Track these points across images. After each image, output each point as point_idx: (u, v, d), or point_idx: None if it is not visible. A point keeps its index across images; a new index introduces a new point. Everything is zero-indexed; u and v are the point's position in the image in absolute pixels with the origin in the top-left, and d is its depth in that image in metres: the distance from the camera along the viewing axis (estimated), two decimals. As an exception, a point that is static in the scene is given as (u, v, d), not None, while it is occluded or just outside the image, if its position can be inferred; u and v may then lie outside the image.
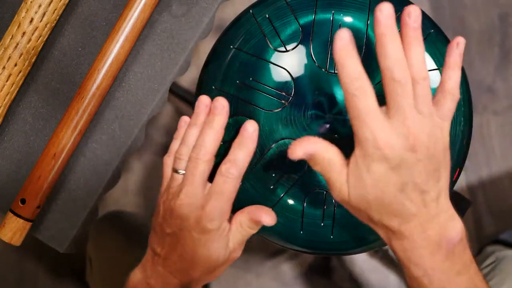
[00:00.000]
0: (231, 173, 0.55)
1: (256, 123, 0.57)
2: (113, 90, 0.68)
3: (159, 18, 0.68)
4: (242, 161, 0.56)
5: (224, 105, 0.58)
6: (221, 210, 0.56)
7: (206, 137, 0.57)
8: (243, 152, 0.56)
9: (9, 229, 0.65)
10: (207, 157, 0.57)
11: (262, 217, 0.57)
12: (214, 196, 0.56)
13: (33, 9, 0.64)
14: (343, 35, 0.48)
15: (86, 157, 0.68)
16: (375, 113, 0.48)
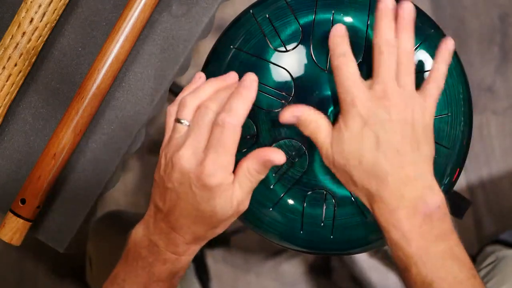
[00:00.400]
0: (228, 122, 0.51)
1: (255, 76, 0.54)
2: (113, 90, 0.68)
3: (159, 18, 0.68)
4: (239, 109, 0.52)
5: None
6: (221, 164, 0.52)
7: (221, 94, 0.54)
8: (239, 100, 0.52)
9: (9, 229, 0.65)
10: (218, 109, 0.53)
11: (271, 156, 0.53)
12: (212, 149, 0.52)
13: (33, 9, 0.64)
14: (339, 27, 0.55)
15: (86, 157, 0.68)
16: (355, 78, 0.54)
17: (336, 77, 0.55)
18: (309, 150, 0.62)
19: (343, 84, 0.54)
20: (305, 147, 0.62)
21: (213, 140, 0.52)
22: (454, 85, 0.62)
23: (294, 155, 0.62)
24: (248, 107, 0.53)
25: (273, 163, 0.53)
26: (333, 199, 0.62)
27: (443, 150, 0.61)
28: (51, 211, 0.69)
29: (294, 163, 0.62)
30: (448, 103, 0.62)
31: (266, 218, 0.63)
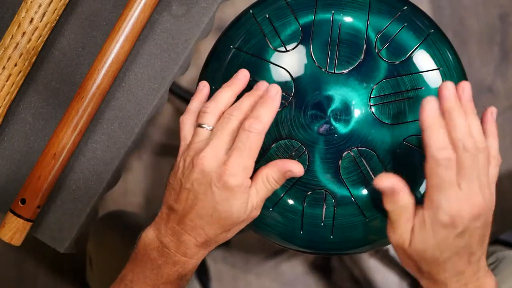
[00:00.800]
0: (255, 128, 0.55)
1: (279, 87, 0.57)
2: (113, 90, 0.68)
3: (159, 18, 0.68)
4: (265, 117, 0.56)
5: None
6: (244, 166, 0.55)
7: (243, 102, 0.57)
8: (266, 110, 0.56)
9: (9, 229, 0.65)
10: (241, 117, 0.56)
11: (292, 167, 0.57)
12: (237, 151, 0.55)
13: (33, 9, 0.64)
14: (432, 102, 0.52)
15: (86, 157, 0.68)
16: (454, 184, 0.52)
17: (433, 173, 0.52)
18: (309, 150, 0.62)
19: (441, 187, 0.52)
20: (305, 147, 0.62)
21: (239, 143, 0.55)
22: (454, 85, 0.62)
23: (294, 155, 0.62)
24: (273, 116, 0.56)
25: (293, 174, 0.57)
26: (333, 199, 0.62)
27: (443, 150, 0.61)
28: (51, 211, 0.69)
29: (294, 163, 0.62)
30: (448, 103, 0.62)
31: (266, 218, 0.63)
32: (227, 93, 0.58)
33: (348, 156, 0.62)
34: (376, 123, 0.61)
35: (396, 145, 0.61)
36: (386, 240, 0.63)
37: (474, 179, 0.53)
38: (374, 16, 0.62)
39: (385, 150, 0.61)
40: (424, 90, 0.61)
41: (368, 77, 0.62)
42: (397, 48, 0.62)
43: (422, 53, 0.62)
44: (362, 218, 0.62)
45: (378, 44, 0.62)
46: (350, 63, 0.62)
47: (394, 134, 0.61)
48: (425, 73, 0.62)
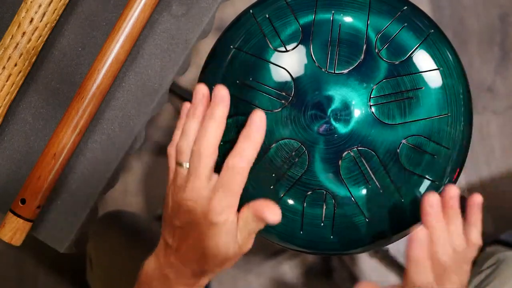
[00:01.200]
0: (238, 167, 0.53)
1: (263, 113, 0.54)
2: (113, 90, 0.68)
3: (159, 18, 0.68)
4: (249, 154, 0.54)
5: (224, 95, 0.55)
6: (228, 204, 0.54)
7: (208, 129, 0.55)
8: (250, 144, 0.54)
9: (9, 229, 0.65)
10: (210, 150, 0.55)
11: (265, 214, 0.55)
12: (221, 190, 0.54)
13: (33, 9, 0.64)
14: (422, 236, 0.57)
15: (86, 157, 0.68)
16: None
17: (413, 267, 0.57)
18: (309, 150, 0.62)
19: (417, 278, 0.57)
20: (305, 147, 0.62)
21: (223, 181, 0.54)
22: (454, 85, 0.62)
23: (294, 155, 0.62)
24: (257, 150, 0.54)
25: (266, 221, 0.55)
26: (333, 199, 0.62)
27: (443, 150, 0.61)
28: (51, 211, 0.69)
29: (294, 163, 0.62)
30: (448, 103, 0.62)
31: (266, 218, 0.63)
32: (194, 123, 0.57)
33: (348, 156, 0.62)
34: (376, 123, 0.61)
35: (396, 145, 0.61)
36: (386, 240, 0.63)
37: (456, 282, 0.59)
38: (374, 16, 0.62)
39: (385, 150, 0.61)
40: (424, 90, 0.62)
41: (368, 77, 0.62)
42: (397, 48, 0.62)
43: (422, 53, 0.62)
44: (362, 218, 0.62)
45: (378, 44, 0.62)
46: (350, 63, 0.62)
47: (394, 134, 0.61)
48: (425, 73, 0.62)
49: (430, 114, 0.61)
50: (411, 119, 0.61)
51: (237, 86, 0.63)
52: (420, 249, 0.56)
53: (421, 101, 0.62)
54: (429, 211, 0.58)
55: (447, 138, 0.62)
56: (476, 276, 0.88)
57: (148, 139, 1.31)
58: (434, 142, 0.61)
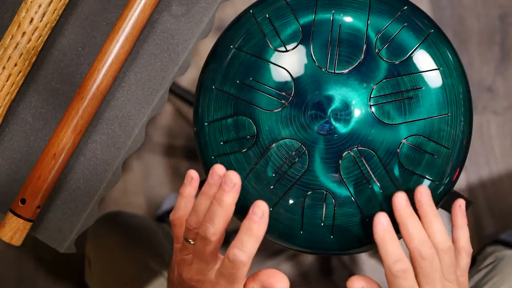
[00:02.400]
0: (240, 261, 0.53)
1: (266, 205, 0.52)
2: (113, 90, 0.68)
3: (159, 18, 0.68)
4: (250, 247, 0.53)
5: (235, 182, 0.53)
6: None
7: (215, 215, 0.53)
8: (251, 238, 0.53)
9: (9, 229, 0.65)
10: (216, 237, 0.54)
11: (274, 285, 0.54)
12: (223, 280, 0.54)
13: (33, 9, 0.64)
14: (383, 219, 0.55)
15: (86, 157, 0.68)
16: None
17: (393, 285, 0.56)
18: (309, 150, 0.62)
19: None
20: (305, 147, 0.62)
21: (224, 271, 0.54)
22: (454, 85, 0.62)
23: (294, 155, 0.62)
24: (259, 242, 0.53)
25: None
26: (333, 199, 0.62)
27: (443, 150, 0.61)
28: (51, 211, 0.69)
29: (294, 163, 0.62)
30: (448, 103, 0.62)
31: (266, 218, 0.63)
32: (205, 202, 0.55)
33: (348, 156, 0.62)
34: (376, 123, 0.61)
35: (396, 145, 0.61)
36: (386, 240, 0.63)
37: (436, 282, 0.56)
38: (374, 16, 0.62)
39: (385, 150, 0.61)
40: (424, 90, 0.62)
41: (368, 77, 0.62)
42: (397, 48, 0.62)
43: (422, 53, 0.62)
44: (362, 218, 0.62)
45: (378, 44, 0.62)
46: (350, 63, 0.62)
47: (394, 134, 0.61)
48: (425, 73, 0.62)
49: (430, 114, 0.61)
50: (411, 119, 0.61)
51: (237, 86, 0.63)
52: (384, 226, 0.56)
53: (421, 101, 0.62)
54: (396, 205, 0.57)
55: (447, 138, 0.62)
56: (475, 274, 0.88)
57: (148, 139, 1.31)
58: (434, 142, 0.61)
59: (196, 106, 0.65)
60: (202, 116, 0.64)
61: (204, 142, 0.64)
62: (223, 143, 0.63)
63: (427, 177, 0.61)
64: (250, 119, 0.62)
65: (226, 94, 0.63)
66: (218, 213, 0.53)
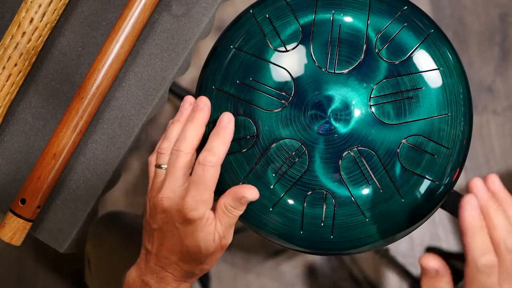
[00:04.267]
0: (209, 161, 0.56)
1: (231, 115, 0.59)
2: (113, 90, 0.68)
3: (159, 18, 0.68)
4: (219, 149, 0.57)
5: (205, 103, 0.59)
6: (202, 199, 0.56)
7: (187, 131, 0.58)
8: (219, 141, 0.57)
9: (9, 229, 0.65)
10: (188, 149, 0.57)
11: (245, 193, 0.57)
12: (193, 185, 0.56)
13: (33, 9, 0.64)
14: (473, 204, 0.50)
15: (86, 157, 0.68)
16: None
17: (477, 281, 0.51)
18: (309, 150, 0.62)
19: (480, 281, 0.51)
20: (305, 147, 0.62)
21: (195, 177, 0.56)
22: (454, 85, 0.62)
23: (294, 155, 0.62)
24: (227, 147, 0.58)
25: (247, 200, 0.57)
26: (333, 199, 0.62)
27: (443, 150, 0.61)
28: (51, 211, 0.69)
29: (294, 163, 0.62)
30: (448, 103, 0.62)
31: (266, 218, 0.63)
32: (177, 127, 0.60)
33: (348, 156, 0.62)
34: (376, 123, 0.61)
35: (396, 145, 0.61)
36: (386, 240, 0.63)
37: None
38: (374, 16, 0.62)
39: (385, 150, 0.61)
40: (424, 90, 0.62)
41: (368, 77, 0.62)
42: (397, 48, 0.62)
43: (422, 53, 0.62)
44: (362, 218, 0.62)
45: (378, 44, 0.62)
46: (350, 63, 0.62)
47: (394, 134, 0.61)
48: (425, 73, 0.62)
49: (430, 114, 0.61)
50: (411, 119, 0.61)
51: (237, 86, 0.63)
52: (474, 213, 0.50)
53: (421, 101, 0.62)
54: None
55: (447, 138, 0.62)
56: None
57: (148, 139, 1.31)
58: (434, 142, 0.61)
59: (196, 106, 0.65)
60: (202, 116, 0.64)
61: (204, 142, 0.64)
62: (223, 143, 0.63)
63: (427, 177, 0.61)
64: (250, 119, 0.62)
65: (226, 94, 0.63)
66: (190, 129, 0.58)
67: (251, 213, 0.63)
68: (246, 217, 0.63)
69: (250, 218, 0.63)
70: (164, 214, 0.57)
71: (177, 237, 0.57)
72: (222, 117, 0.59)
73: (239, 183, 0.62)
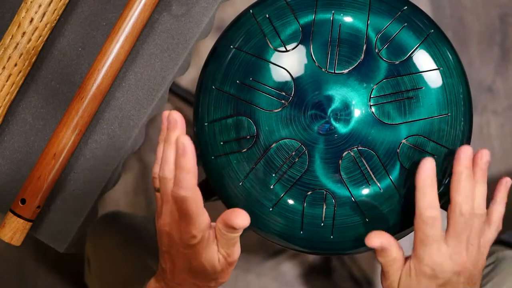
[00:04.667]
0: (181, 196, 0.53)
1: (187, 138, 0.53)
2: (113, 90, 0.68)
3: (159, 18, 0.68)
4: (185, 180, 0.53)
5: (176, 118, 0.56)
6: (194, 227, 0.55)
7: (166, 154, 0.56)
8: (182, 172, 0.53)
9: (9, 229, 0.65)
10: (172, 174, 0.55)
11: (232, 221, 0.55)
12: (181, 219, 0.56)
13: (33, 9, 0.64)
14: (429, 166, 0.56)
15: (86, 157, 0.68)
16: (438, 241, 0.57)
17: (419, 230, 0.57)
18: (309, 150, 0.62)
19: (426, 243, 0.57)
20: (305, 147, 0.62)
21: (180, 212, 0.55)
22: (454, 85, 0.62)
23: (294, 155, 0.62)
24: (194, 171, 0.53)
25: (236, 227, 0.55)
26: (333, 199, 0.62)
27: (443, 150, 0.62)
28: (51, 211, 0.69)
29: (294, 163, 0.62)
30: (448, 103, 0.62)
31: (266, 218, 0.63)
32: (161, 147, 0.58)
33: (348, 156, 0.62)
34: (376, 123, 0.61)
35: (396, 145, 0.61)
36: (386, 240, 0.63)
37: (463, 240, 0.57)
38: (374, 16, 0.62)
39: (385, 150, 0.61)
40: (424, 90, 0.62)
41: (368, 77, 0.62)
42: (397, 48, 0.62)
43: (422, 53, 0.62)
44: (362, 218, 0.62)
45: (378, 44, 0.62)
46: (350, 63, 0.62)
47: (394, 134, 0.61)
48: (425, 73, 0.62)
49: (430, 114, 0.61)
50: (411, 119, 0.61)
51: (237, 86, 0.63)
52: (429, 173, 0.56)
53: (421, 101, 0.62)
54: (461, 157, 0.57)
55: (447, 138, 0.62)
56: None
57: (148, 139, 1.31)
58: (434, 142, 0.61)
59: (196, 106, 0.65)
60: (202, 116, 0.64)
61: (204, 142, 0.64)
62: (223, 143, 0.63)
63: (427, 177, 0.61)
64: (250, 119, 0.62)
65: (226, 94, 0.63)
66: (169, 151, 0.56)
67: (251, 213, 0.63)
68: (246, 217, 0.63)
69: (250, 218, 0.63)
70: (167, 239, 0.58)
71: (184, 259, 0.58)
72: (177, 145, 0.53)
73: (239, 183, 0.62)
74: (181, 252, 0.57)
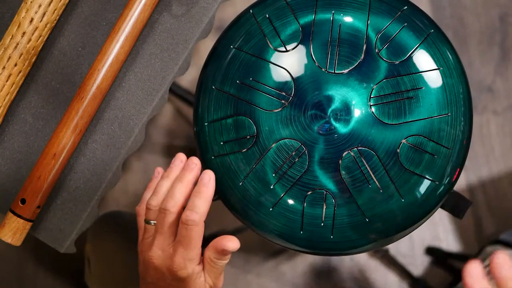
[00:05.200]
0: (192, 220, 0.57)
1: (212, 173, 0.60)
2: (113, 90, 0.68)
3: (159, 18, 0.68)
4: (200, 207, 0.58)
5: (196, 163, 0.61)
6: (189, 258, 0.58)
7: (176, 189, 0.59)
8: (200, 199, 0.58)
9: (9, 229, 0.65)
10: (175, 209, 0.58)
11: (225, 246, 0.58)
12: (180, 245, 0.58)
13: (33, 9, 0.64)
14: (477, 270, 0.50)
15: (86, 157, 0.68)
16: None
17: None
18: (309, 150, 0.62)
19: None
20: (305, 147, 0.62)
21: (180, 237, 0.58)
22: (454, 85, 0.62)
23: (294, 155, 0.62)
24: (209, 203, 0.59)
25: (227, 251, 0.59)
26: (333, 199, 0.62)
27: (443, 150, 0.61)
28: (51, 211, 0.69)
29: (294, 163, 0.62)
30: (448, 103, 0.62)
31: (266, 218, 0.63)
32: (166, 183, 0.61)
33: (348, 156, 0.62)
34: (376, 123, 0.61)
35: (396, 145, 0.61)
36: (386, 240, 0.63)
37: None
38: (374, 16, 0.62)
39: (385, 150, 0.61)
40: (424, 90, 0.62)
41: (368, 77, 0.62)
42: (397, 48, 0.62)
43: (422, 53, 0.62)
44: (362, 218, 0.62)
45: (378, 44, 0.62)
46: (350, 63, 0.62)
47: (394, 134, 0.61)
48: (425, 73, 0.62)
49: (430, 114, 0.61)
50: (411, 119, 0.61)
51: (237, 86, 0.63)
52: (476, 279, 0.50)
53: (421, 101, 0.62)
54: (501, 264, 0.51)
55: (447, 138, 0.62)
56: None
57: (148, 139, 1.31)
58: (434, 142, 0.61)
59: (196, 106, 0.65)
60: (202, 116, 0.64)
61: (204, 142, 0.64)
62: (223, 143, 0.63)
63: (427, 177, 0.61)
64: (250, 119, 0.62)
65: (226, 94, 0.63)
66: (179, 188, 0.59)
67: (251, 213, 0.63)
68: (246, 217, 0.63)
69: (250, 218, 0.63)
70: (155, 272, 0.59)
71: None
72: (203, 175, 0.59)
73: (239, 183, 0.63)
74: (169, 284, 0.59)
